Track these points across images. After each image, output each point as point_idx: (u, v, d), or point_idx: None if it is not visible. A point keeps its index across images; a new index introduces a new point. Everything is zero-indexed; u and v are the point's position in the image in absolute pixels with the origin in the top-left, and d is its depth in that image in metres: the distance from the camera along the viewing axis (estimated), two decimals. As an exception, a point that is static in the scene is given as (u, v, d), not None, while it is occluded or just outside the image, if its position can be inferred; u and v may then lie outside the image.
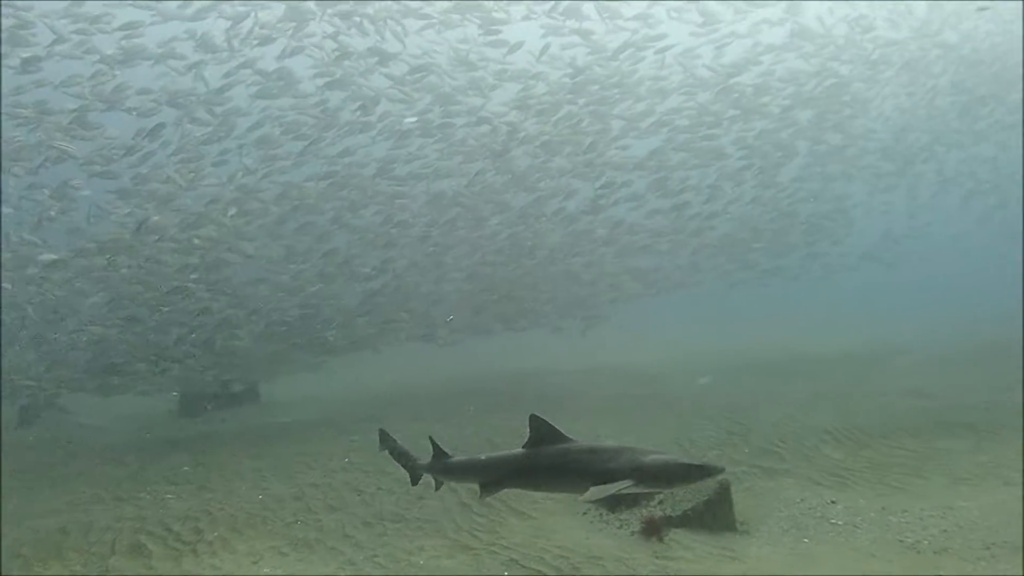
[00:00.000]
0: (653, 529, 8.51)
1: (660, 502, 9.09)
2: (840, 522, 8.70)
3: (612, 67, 18.33)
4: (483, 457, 6.64)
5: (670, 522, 8.65)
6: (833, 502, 9.28)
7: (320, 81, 16.70)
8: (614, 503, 9.16)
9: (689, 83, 19.63)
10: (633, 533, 8.56)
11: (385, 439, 7.32)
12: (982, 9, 22.88)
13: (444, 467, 6.82)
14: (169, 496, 10.77)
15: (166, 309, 16.20)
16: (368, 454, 11.92)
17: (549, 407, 15.99)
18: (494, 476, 6.34)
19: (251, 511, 9.71)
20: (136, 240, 14.90)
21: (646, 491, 6.28)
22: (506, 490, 6.42)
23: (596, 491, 5.63)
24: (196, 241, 15.36)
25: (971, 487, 9.68)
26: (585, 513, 9.12)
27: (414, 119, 17.19)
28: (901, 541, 7.98)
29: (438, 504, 9.41)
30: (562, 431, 6.04)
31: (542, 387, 19.54)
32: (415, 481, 7.23)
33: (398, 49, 16.86)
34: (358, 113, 16.84)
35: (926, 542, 7.88)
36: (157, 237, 15.07)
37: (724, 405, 14.92)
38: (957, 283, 38.65)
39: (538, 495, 9.23)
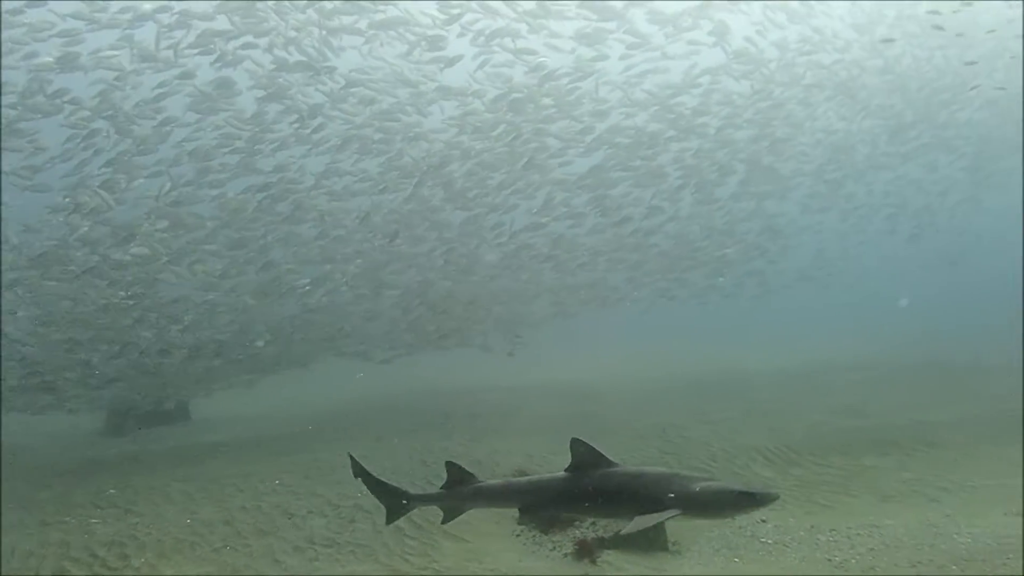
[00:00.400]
0: (586, 551, 8.55)
1: (593, 523, 9.13)
2: (770, 541, 8.81)
3: (551, 86, 18.39)
4: (523, 480, 6.47)
5: (603, 544, 8.70)
6: (763, 521, 9.40)
7: (259, 93, 16.46)
8: (547, 525, 9.17)
9: (626, 104, 19.78)
10: (566, 555, 8.58)
11: (357, 467, 6.74)
12: (887, 41, 23.72)
13: (475, 492, 6.41)
14: (95, 520, 10.47)
15: (98, 323, 15.82)
16: (299, 475, 11.76)
17: (480, 426, 16.06)
18: (535, 501, 6.12)
19: (179, 536, 9.51)
20: (65, 255, 14.53)
21: (694, 520, 5.96)
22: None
23: (640, 521, 5.40)
24: (127, 257, 15.02)
25: (897, 504, 9.90)
26: (518, 535, 9.11)
27: (344, 137, 17.04)
28: (830, 560, 8.09)
29: (369, 527, 9.31)
30: (606, 455, 5.83)
31: (475, 405, 19.39)
32: (392, 518, 6.65)
33: (336, 64, 16.71)
34: (296, 126, 16.67)
35: (854, 561, 8.00)
36: (86, 252, 14.72)
37: (657, 424, 15.01)
38: (888, 304, 39.39)
39: (469, 516, 9.15)
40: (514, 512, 9.77)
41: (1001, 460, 11.56)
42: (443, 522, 6.65)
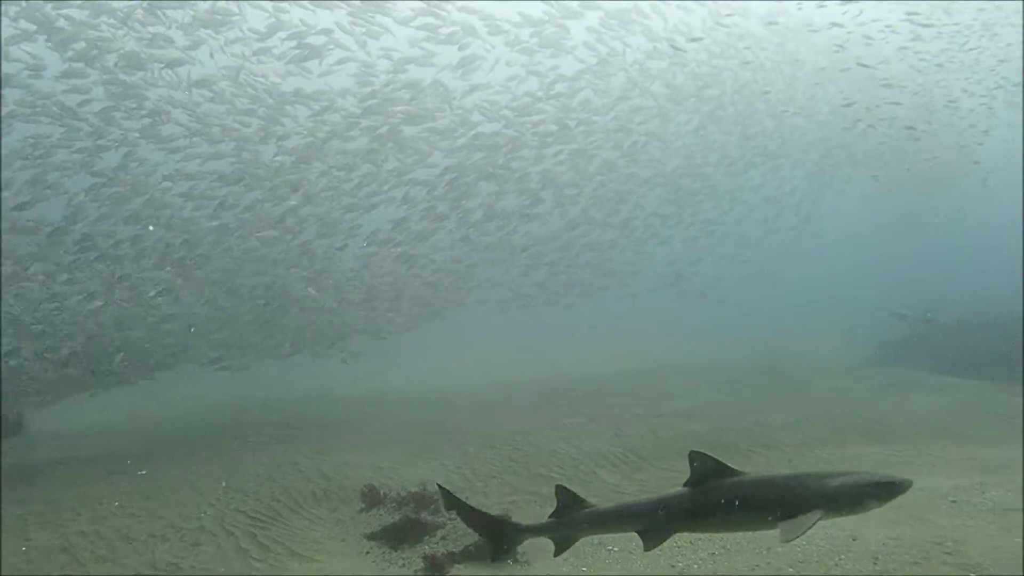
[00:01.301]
0: (436, 566, 8.66)
1: (443, 538, 9.26)
2: (616, 549, 9.06)
3: (407, 88, 18.33)
4: (644, 500, 5.99)
5: (452, 558, 8.83)
6: (609, 528, 9.67)
7: (105, 90, 15.76)
8: (397, 541, 9.24)
9: (482, 110, 19.88)
10: (416, 571, 8.66)
11: (450, 500, 6.31)
12: (678, 49, 24.41)
13: (592, 518, 5.99)
14: (-84, 551, 9.82)
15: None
16: (140, 496, 11.29)
17: (329, 437, 15.67)
18: (658, 521, 5.69)
19: (13, 564, 9.03)
20: None
21: (836, 517, 5.50)
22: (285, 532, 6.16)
23: (791, 527, 5.15)
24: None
25: (736, 507, 10.34)
26: (368, 552, 9.13)
27: (191, 133, 16.56)
28: (673, 566, 8.36)
29: (214, 550, 9.10)
30: (728, 464, 5.58)
31: (324, 414, 18.85)
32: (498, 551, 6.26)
33: (189, 63, 16.20)
34: (145, 120, 16.06)
35: (696, 566, 8.30)
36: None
37: (506, 432, 14.96)
38: (731, 307, 40.39)
39: (317, 534, 9.12)
40: (362, 528, 9.83)
41: (830, 461, 12.31)
42: (555, 554, 6.19)
